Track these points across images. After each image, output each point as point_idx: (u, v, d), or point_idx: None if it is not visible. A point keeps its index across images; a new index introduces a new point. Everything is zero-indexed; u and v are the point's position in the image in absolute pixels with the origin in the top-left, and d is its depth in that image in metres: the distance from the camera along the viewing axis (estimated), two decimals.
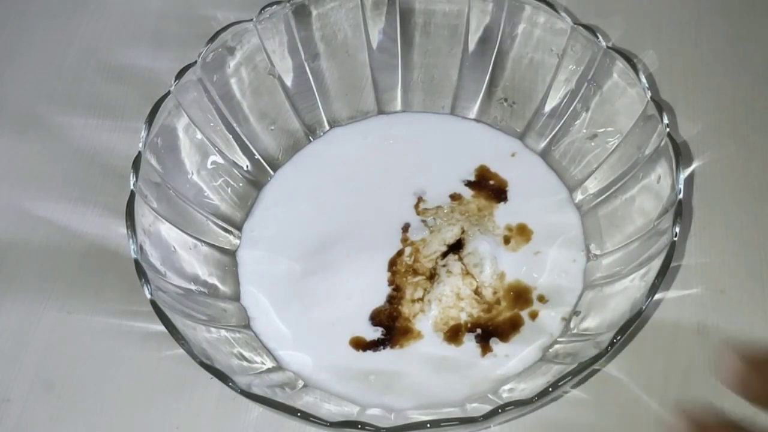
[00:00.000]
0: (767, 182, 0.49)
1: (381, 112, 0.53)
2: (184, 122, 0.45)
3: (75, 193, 0.51)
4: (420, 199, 0.49)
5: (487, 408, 0.36)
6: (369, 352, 0.43)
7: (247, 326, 0.44)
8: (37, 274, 0.48)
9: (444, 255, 0.46)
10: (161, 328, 0.37)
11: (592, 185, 0.47)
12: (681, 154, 0.40)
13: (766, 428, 0.37)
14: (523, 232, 0.47)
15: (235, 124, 0.48)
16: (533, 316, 0.44)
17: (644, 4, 0.58)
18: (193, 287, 0.43)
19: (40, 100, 0.55)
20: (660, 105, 0.42)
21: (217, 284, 0.45)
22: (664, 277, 0.37)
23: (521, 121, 0.50)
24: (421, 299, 0.45)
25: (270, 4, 0.47)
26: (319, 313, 0.45)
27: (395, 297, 0.45)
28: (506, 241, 0.47)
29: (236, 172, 0.49)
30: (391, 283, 0.45)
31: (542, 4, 0.45)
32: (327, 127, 0.52)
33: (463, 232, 0.47)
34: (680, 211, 0.39)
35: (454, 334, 0.44)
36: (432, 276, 0.45)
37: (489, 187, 0.49)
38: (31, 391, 0.44)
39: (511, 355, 0.43)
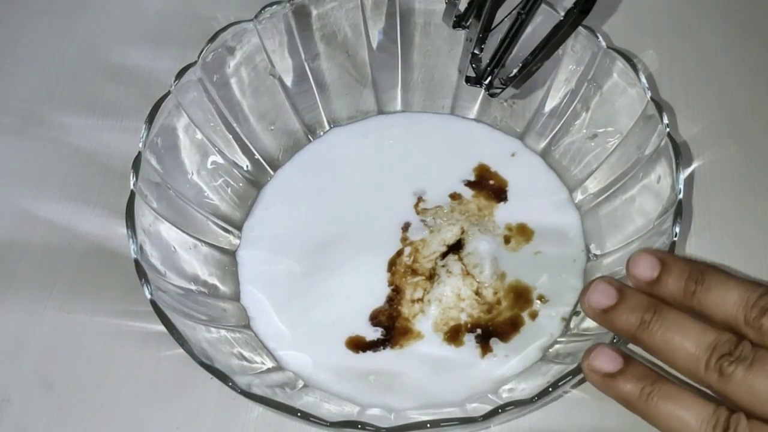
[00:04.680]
0: (767, 182, 0.49)
1: (381, 112, 0.53)
2: (184, 122, 0.45)
3: (75, 193, 0.51)
4: (420, 199, 0.49)
5: (487, 408, 0.36)
6: (369, 353, 0.43)
7: (247, 326, 0.44)
8: (37, 274, 0.48)
9: (444, 255, 0.46)
10: (161, 328, 0.37)
11: (592, 185, 0.47)
12: (681, 154, 0.40)
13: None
14: (523, 232, 0.47)
15: (235, 124, 0.48)
16: (533, 316, 0.44)
17: (644, 4, 0.58)
18: (193, 287, 0.43)
19: (40, 100, 0.55)
20: (660, 105, 0.42)
21: (217, 284, 0.45)
22: None
23: (521, 121, 0.50)
24: (421, 299, 0.45)
25: (270, 4, 0.47)
26: (319, 313, 0.45)
27: (395, 297, 0.45)
28: (506, 241, 0.47)
29: (236, 172, 0.49)
30: (390, 283, 0.45)
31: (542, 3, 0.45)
32: (327, 127, 0.52)
33: (463, 232, 0.47)
34: (680, 211, 0.39)
35: (454, 335, 0.44)
36: (431, 276, 0.45)
37: (489, 187, 0.49)
38: (31, 391, 0.44)
39: (511, 355, 0.43)
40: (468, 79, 0.43)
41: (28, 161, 0.53)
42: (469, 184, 0.49)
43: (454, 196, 0.49)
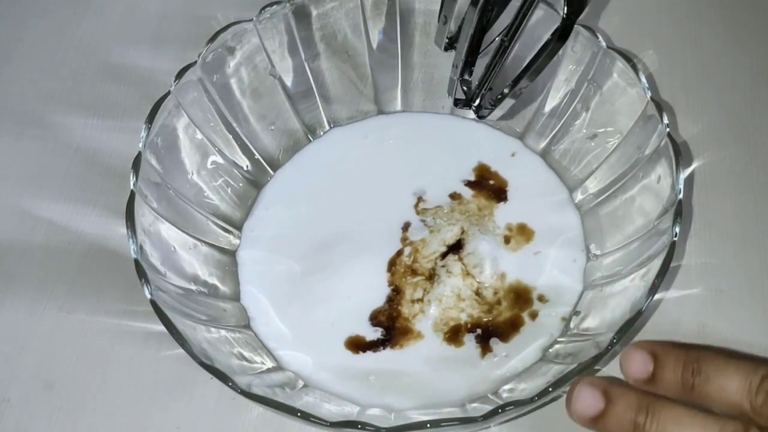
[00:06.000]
0: (767, 182, 0.49)
1: (381, 112, 0.53)
2: (184, 122, 0.45)
3: (75, 193, 0.51)
4: (420, 199, 0.49)
5: (487, 408, 0.36)
6: (369, 353, 0.43)
7: (247, 326, 0.44)
8: (37, 274, 0.48)
9: (444, 255, 0.46)
10: (161, 328, 0.37)
11: (592, 185, 0.47)
12: (681, 154, 0.41)
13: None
14: (523, 232, 0.47)
15: (235, 124, 0.48)
16: (533, 316, 0.44)
17: (644, 4, 0.58)
18: (193, 287, 0.43)
19: (40, 100, 0.55)
20: (660, 105, 0.42)
21: (217, 284, 0.45)
22: (664, 277, 0.37)
23: (521, 121, 0.50)
24: (421, 300, 0.45)
25: (270, 4, 0.47)
26: (319, 313, 0.45)
27: (395, 297, 0.45)
28: (506, 241, 0.47)
29: (236, 172, 0.49)
30: (390, 283, 0.45)
31: (541, 3, 0.45)
32: (327, 127, 0.52)
33: (463, 232, 0.47)
34: (680, 211, 0.39)
35: (454, 335, 0.44)
36: (431, 276, 0.45)
37: (489, 187, 0.49)
38: (31, 391, 0.44)
39: (511, 355, 0.43)
40: (457, 102, 0.44)
41: (28, 161, 0.53)
42: (469, 184, 0.49)
43: (454, 196, 0.49)
